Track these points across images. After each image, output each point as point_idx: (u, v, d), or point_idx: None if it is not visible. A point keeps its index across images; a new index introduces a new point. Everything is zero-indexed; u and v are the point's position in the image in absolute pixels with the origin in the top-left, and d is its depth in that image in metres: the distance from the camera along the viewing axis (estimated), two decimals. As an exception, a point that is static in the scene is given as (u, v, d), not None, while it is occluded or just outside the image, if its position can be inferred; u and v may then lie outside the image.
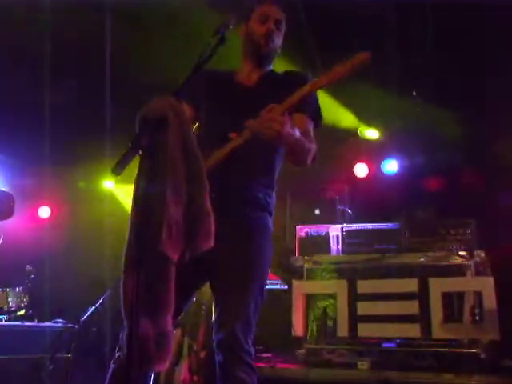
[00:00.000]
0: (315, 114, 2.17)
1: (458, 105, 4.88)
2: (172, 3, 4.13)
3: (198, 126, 2.23)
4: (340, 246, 4.75)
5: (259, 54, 2.20)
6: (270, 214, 2.13)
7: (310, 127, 2.13)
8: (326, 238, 4.82)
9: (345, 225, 4.87)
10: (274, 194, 2.17)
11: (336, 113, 5.33)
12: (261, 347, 4.42)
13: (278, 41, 2.23)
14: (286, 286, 4.99)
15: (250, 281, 1.98)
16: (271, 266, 2.12)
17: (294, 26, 2.31)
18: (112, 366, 1.87)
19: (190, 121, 2.19)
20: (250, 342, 1.93)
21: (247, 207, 2.06)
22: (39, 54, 4.55)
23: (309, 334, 4.43)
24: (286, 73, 2.27)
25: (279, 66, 2.35)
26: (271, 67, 2.30)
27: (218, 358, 1.91)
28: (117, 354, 1.86)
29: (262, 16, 2.19)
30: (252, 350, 1.93)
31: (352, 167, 5.86)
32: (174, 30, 4.37)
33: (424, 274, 4.23)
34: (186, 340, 4.07)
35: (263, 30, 2.17)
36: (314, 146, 2.05)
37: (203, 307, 4.25)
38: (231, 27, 1.98)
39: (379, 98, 4.89)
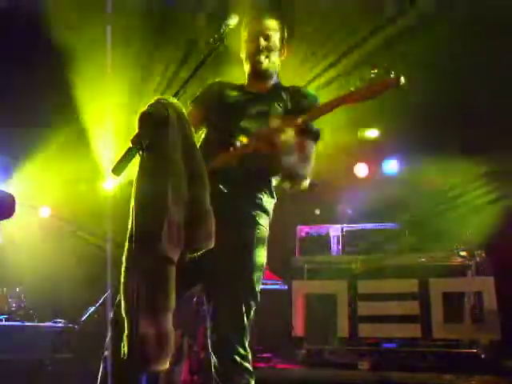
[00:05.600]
0: (316, 132, 2.13)
1: (458, 104, 4.88)
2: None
3: (207, 128, 2.23)
4: (340, 246, 4.75)
5: (257, 72, 2.19)
6: (267, 214, 2.12)
7: (311, 148, 2.10)
8: (327, 238, 4.82)
9: (345, 225, 4.87)
10: (272, 195, 2.15)
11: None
12: (261, 347, 4.42)
13: (273, 54, 2.19)
14: (286, 286, 4.99)
15: (242, 281, 1.96)
16: (269, 266, 2.10)
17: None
18: (102, 365, 1.85)
19: (192, 122, 2.21)
20: (245, 344, 1.90)
21: (244, 205, 2.04)
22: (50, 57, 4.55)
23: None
24: (297, 90, 2.22)
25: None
26: (277, 79, 2.27)
27: (213, 360, 1.90)
28: (105, 353, 1.84)
29: (251, 35, 2.18)
30: (248, 353, 1.90)
31: (352, 167, 5.86)
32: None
33: (424, 274, 4.24)
34: (186, 340, 4.07)
35: (254, 48, 2.15)
36: (309, 169, 2.06)
37: (203, 307, 4.24)
38: (230, 27, 1.99)
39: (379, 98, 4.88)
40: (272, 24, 2.19)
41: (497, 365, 3.83)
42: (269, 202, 2.11)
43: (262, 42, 2.14)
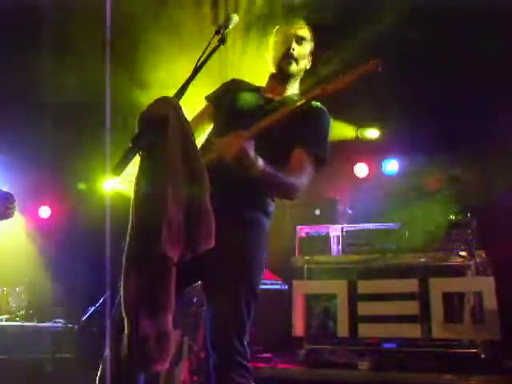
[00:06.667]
0: (317, 149, 2.10)
1: (458, 104, 4.89)
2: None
3: (213, 126, 2.23)
4: (340, 246, 4.74)
5: (282, 76, 2.20)
6: (267, 215, 2.12)
7: (306, 163, 2.06)
8: (327, 238, 4.81)
9: (345, 225, 4.87)
10: (272, 199, 2.14)
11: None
12: (261, 347, 4.42)
13: (302, 59, 2.20)
14: (286, 286, 4.99)
15: (242, 280, 1.96)
16: (269, 266, 2.10)
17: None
18: (101, 365, 1.86)
19: (202, 117, 2.21)
20: (244, 343, 1.91)
21: (242, 205, 2.04)
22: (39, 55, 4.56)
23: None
24: (310, 107, 2.11)
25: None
26: (297, 89, 2.26)
27: (212, 359, 1.90)
28: (106, 353, 1.85)
29: (283, 37, 2.20)
30: (247, 352, 1.91)
31: (352, 167, 5.86)
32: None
33: (424, 274, 4.23)
34: (186, 340, 4.07)
35: (283, 52, 2.17)
36: (295, 182, 2.00)
37: (203, 307, 4.24)
38: (231, 27, 1.99)
39: (379, 98, 4.89)
40: (305, 32, 2.22)
41: (497, 365, 3.83)
42: (269, 204, 2.11)
43: (295, 46, 2.17)
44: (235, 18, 2.00)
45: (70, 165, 6.08)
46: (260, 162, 1.84)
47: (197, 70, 1.83)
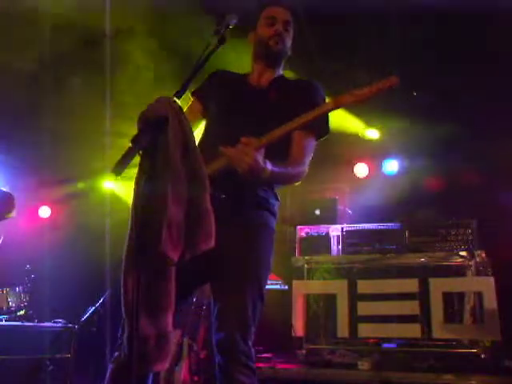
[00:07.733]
0: (319, 127, 2.11)
1: (458, 104, 4.89)
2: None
3: (206, 120, 2.23)
4: (340, 246, 4.75)
5: (269, 55, 2.20)
6: (273, 215, 2.12)
7: (307, 143, 2.09)
8: (327, 238, 4.81)
9: (345, 225, 4.87)
10: (276, 196, 2.15)
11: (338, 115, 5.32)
12: (261, 347, 4.42)
13: (288, 42, 2.22)
14: (286, 286, 4.99)
15: (249, 281, 1.97)
16: (272, 267, 2.10)
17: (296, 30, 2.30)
18: (110, 366, 1.86)
19: (193, 114, 2.21)
20: (249, 343, 1.91)
21: (249, 206, 2.05)
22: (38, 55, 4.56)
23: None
24: (298, 82, 2.24)
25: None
26: (281, 71, 2.28)
27: (217, 359, 1.90)
28: (115, 354, 1.85)
29: (269, 19, 2.20)
30: (252, 352, 1.91)
31: (352, 167, 5.86)
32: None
33: (424, 274, 4.23)
34: (186, 340, 4.07)
35: (272, 31, 2.17)
36: (300, 170, 2.04)
37: (203, 307, 4.25)
38: (231, 27, 1.99)
39: (380, 99, 4.89)
40: (289, 15, 2.24)
41: (497, 365, 3.83)
42: (274, 204, 2.12)
43: (281, 28, 2.18)
44: (235, 19, 2.00)
45: (70, 165, 6.07)
46: (268, 165, 1.85)
47: (197, 70, 1.83)
